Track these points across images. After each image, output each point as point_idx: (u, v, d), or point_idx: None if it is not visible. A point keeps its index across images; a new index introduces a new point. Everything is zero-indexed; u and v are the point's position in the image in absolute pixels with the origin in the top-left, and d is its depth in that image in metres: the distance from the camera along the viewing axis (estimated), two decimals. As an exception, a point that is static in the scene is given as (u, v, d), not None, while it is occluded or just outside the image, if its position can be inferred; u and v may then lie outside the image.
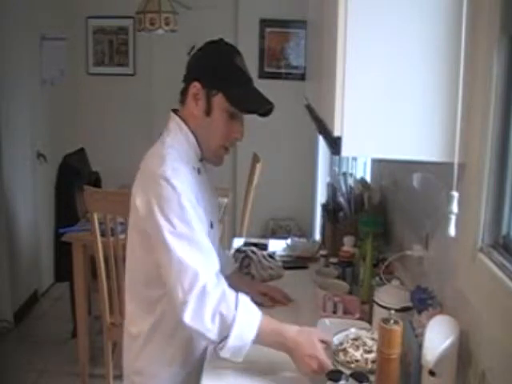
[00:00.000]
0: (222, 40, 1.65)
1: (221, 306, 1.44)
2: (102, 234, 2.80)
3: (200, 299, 1.43)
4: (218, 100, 1.57)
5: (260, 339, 1.47)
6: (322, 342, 1.49)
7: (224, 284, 1.50)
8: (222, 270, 1.79)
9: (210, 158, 1.67)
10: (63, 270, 3.52)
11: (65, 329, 3.71)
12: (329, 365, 1.44)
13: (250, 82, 1.63)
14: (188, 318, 1.43)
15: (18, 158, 3.97)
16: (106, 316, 2.88)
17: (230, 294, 1.48)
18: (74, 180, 3.61)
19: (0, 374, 3.35)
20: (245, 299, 1.50)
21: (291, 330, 1.50)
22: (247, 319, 1.46)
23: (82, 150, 4.05)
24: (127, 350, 1.68)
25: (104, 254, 2.82)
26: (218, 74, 1.58)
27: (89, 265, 3.24)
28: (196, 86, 1.57)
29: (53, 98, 4.53)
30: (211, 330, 1.44)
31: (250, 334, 1.46)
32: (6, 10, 3.75)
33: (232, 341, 1.44)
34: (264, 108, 1.62)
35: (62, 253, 3.40)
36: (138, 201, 1.52)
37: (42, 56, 4.31)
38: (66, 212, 3.56)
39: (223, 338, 1.44)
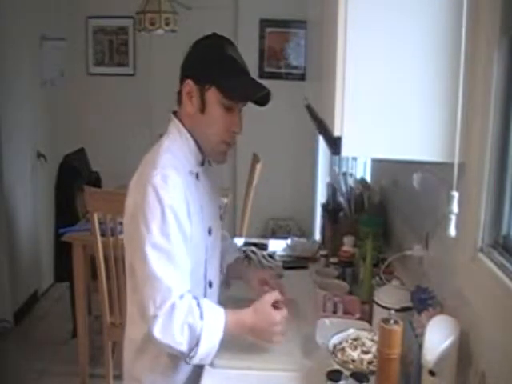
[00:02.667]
0: (214, 34, 1.60)
1: (188, 317, 1.43)
2: (102, 234, 2.80)
3: (169, 314, 1.42)
4: (212, 94, 1.52)
5: (226, 337, 1.48)
6: (275, 306, 1.52)
7: (189, 296, 1.48)
8: (223, 258, 1.83)
9: (212, 155, 1.63)
10: (63, 270, 3.52)
11: (65, 329, 3.70)
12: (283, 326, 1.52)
13: (243, 70, 1.56)
14: (157, 332, 1.42)
15: (18, 158, 3.97)
16: (106, 316, 2.88)
17: (194, 303, 1.46)
18: (74, 180, 3.61)
19: (0, 374, 3.35)
20: (207, 303, 1.50)
21: (248, 316, 1.52)
22: (213, 323, 1.46)
23: (82, 149, 4.05)
24: (125, 350, 1.68)
25: (104, 254, 2.82)
26: (209, 67, 1.54)
27: (89, 265, 3.24)
28: (189, 84, 1.54)
29: (53, 98, 4.53)
30: (181, 343, 1.43)
31: (218, 336, 1.46)
32: (6, 10, 3.75)
33: (203, 348, 1.44)
34: (258, 94, 1.54)
35: (62, 253, 3.40)
36: (128, 200, 1.53)
37: (42, 56, 4.32)
38: (66, 212, 3.56)
39: (193, 347, 1.44)
